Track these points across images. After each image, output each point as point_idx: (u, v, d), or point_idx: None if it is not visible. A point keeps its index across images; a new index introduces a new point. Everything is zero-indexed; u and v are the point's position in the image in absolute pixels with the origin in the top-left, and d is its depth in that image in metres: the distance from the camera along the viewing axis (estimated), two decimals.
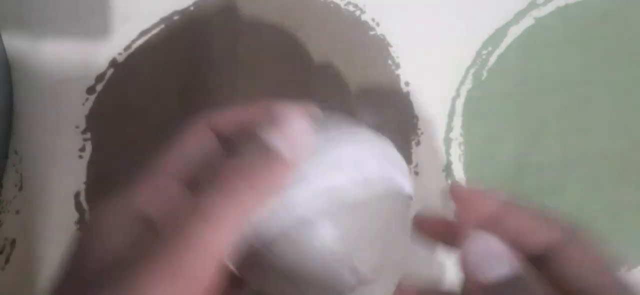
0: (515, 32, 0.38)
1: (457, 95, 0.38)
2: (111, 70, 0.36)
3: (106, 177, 0.36)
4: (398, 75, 0.37)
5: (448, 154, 0.38)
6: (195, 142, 0.23)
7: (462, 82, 0.38)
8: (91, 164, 0.35)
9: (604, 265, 0.20)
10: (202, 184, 0.19)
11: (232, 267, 0.21)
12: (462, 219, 0.22)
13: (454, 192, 0.22)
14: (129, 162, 0.36)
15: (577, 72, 0.38)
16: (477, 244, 0.19)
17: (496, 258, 0.19)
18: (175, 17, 0.36)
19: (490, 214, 0.21)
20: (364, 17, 0.37)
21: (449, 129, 0.38)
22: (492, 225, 0.21)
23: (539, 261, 0.20)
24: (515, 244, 0.19)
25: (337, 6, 0.37)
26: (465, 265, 0.19)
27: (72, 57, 0.35)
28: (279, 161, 0.19)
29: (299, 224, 0.20)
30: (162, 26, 0.36)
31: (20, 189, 0.35)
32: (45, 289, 0.18)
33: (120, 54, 0.36)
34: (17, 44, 0.35)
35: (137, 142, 0.36)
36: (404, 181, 0.22)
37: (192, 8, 0.36)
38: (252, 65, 0.36)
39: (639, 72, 0.39)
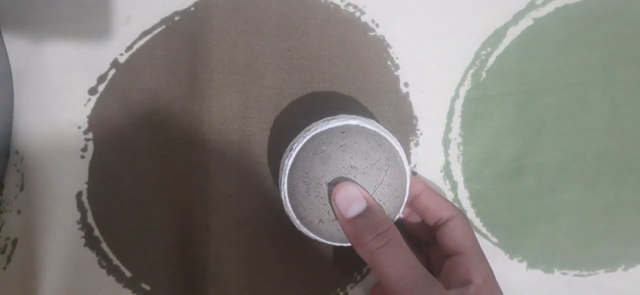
0: (514, 32, 0.38)
1: (456, 95, 0.38)
2: (113, 71, 0.36)
3: (108, 177, 0.36)
4: (397, 76, 0.38)
5: (446, 154, 0.38)
6: None
7: (461, 83, 0.38)
8: (93, 163, 0.36)
9: (473, 237, 0.33)
10: None
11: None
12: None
13: None
14: (130, 162, 0.36)
15: (576, 73, 0.38)
16: (341, 191, 0.29)
17: (355, 199, 0.29)
18: (176, 18, 0.36)
19: (417, 192, 0.34)
20: (363, 19, 0.37)
21: (448, 129, 0.38)
22: (417, 199, 0.34)
23: (434, 227, 0.34)
24: (427, 212, 0.34)
25: (337, 7, 0.37)
26: (335, 207, 0.29)
27: (73, 58, 0.35)
28: None
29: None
30: (163, 27, 0.36)
31: (22, 188, 0.36)
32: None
33: (121, 54, 0.36)
34: (19, 45, 0.35)
35: (139, 142, 0.36)
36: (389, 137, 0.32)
37: (192, 9, 0.36)
38: (253, 66, 0.36)
39: (638, 72, 0.39)
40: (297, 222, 0.32)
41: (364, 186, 0.30)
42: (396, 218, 0.32)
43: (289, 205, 0.32)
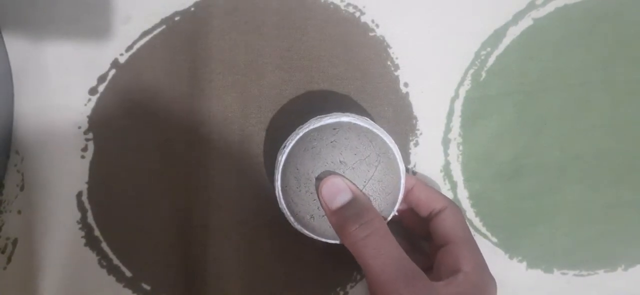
0: (514, 32, 0.38)
1: (456, 96, 0.38)
2: (113, 71, 0.36)
3: (108, 177, 0.36)
4: (397, 76, 0.38)
5: (446, 154, 0.38)
6: None
7: (461, 83, 0.38)
8: (93, 163, 0.36)
9: (464, 226, 0.33)
10: None
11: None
12: None
13: None
14: (131, 162, 0.36)
15: (576, 73, 0.38)
16: (327, 184, 0.30)
17: (340, 191, 0.29)
18: (176, 18, 0.36)
19: (410, 185, 0.34)
20: (363, 19, 0.37)
21: (448, 129, 0.38)
22: (410, 192, 0.34)
23: (428, 219, 0.34)
24: (420, 204, 0.34)
25: (336, 7, 0.37)
26: (322, 200, 0.30)
27: (73, 58, 0.35)
28: None
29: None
30: (163, 27, 0.36)
31: (22, 188, 0.36)
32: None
33: (121, 54, 0.36)
34: (19, 44, 0.35)
35: (139, 142, 0.36)
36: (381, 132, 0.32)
37: (192, 8, 0.36)
38: (253, 66, 0.36)
39: (638, 72, 0.39)
40: (291, 219, 0.32)
41: (353, 181, 0.30)
42: (390, 216, 0.32)
43: (282, 201, 0.32)
